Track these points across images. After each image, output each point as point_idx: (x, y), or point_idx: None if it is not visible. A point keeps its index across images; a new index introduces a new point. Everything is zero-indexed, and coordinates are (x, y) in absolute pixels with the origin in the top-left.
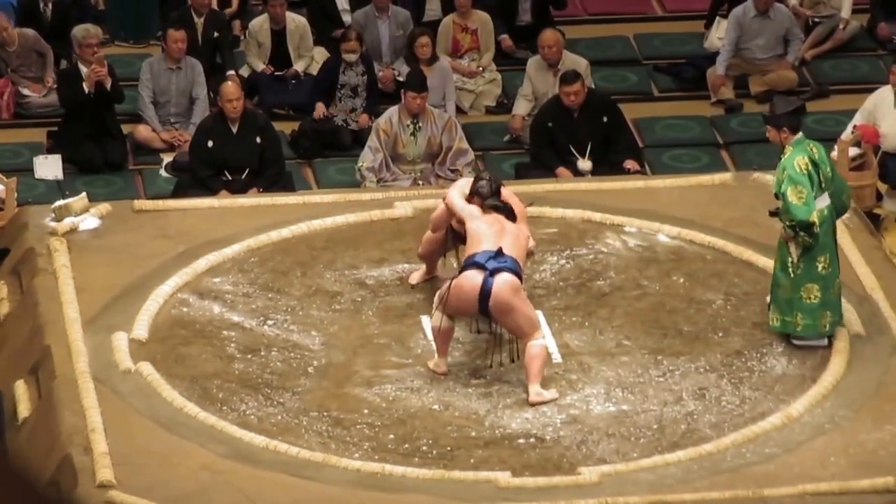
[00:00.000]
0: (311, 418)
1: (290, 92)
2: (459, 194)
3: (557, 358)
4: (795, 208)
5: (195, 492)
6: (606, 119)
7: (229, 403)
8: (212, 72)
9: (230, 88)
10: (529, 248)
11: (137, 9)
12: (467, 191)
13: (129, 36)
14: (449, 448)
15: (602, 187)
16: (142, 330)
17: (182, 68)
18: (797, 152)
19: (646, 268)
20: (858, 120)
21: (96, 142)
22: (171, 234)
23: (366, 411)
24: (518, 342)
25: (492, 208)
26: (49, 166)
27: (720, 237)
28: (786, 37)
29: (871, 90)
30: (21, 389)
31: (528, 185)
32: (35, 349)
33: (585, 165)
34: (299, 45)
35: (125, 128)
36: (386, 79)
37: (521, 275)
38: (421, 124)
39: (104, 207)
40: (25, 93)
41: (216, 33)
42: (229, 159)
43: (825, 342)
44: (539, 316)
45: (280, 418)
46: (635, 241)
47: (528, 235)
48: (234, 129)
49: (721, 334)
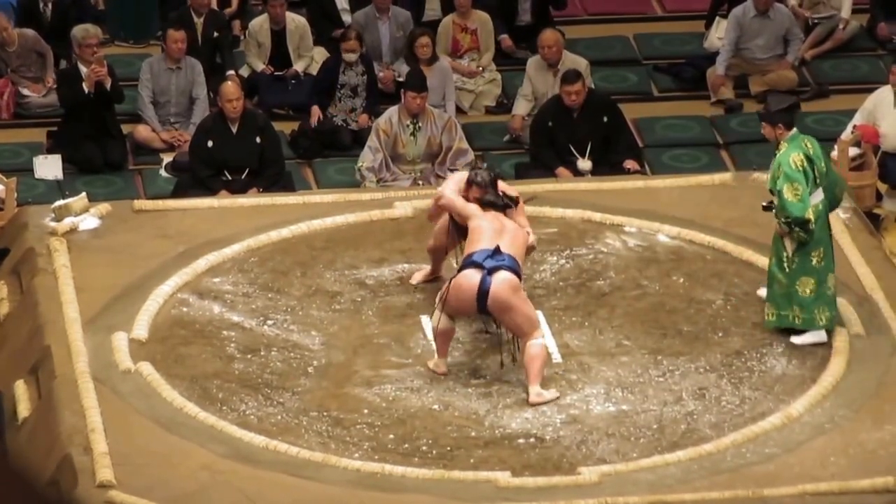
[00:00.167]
0: (311, 418)
1: (290, 92)
2: (455, 192)
3: (557, 358)
4: (792, 205)
5: (195, 492)
6: (606, 119)
7: (229, 403)
8: (211, 72)
9: (230, 88)
10: (530, 244)
11: (137, 9)
12: (461, 185)
13: (129, 36)
14: (449, 448)
15: (602, 187)
16: (142, 330)
17: (182, 68)
18: (792, 149)
19: (646, 268)
20: (858, 120)
21: (96, 142)
22: (171, 234)
23: (366, 411)
24: (518, 341)
25: (490, 205)
26: (49, 166)
27: (720, 237)
28: (786, 37)
29: (870, 90)
30: (21, 389)
31: (528, 185)
32: (35, 349)
33: (585, 165)
34: (299, 46)
35: (125, 128)
36: (386, 79)
37: (519, 273)
38: (421, 124)
39: (104, 207)
40: (25, 93)
41: (216, 33)
42: (229, 159)
43: (824, 337)
44: (539, 316)
45: (280, 418)
46: (635, 241)
47: (527, 231)
48: (234, 129)
49: (721, 334)
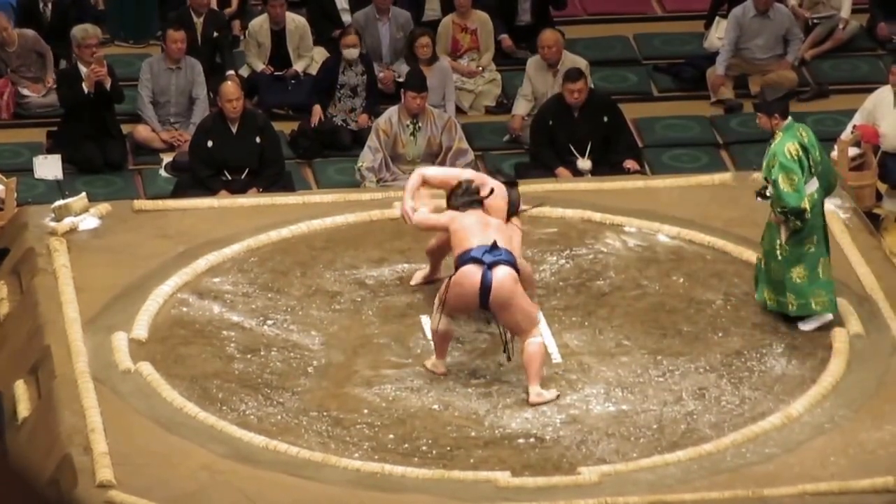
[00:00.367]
0: (311, 418)
1: (290, 92)
2: (420, 208)
3: (557, 358)
4: (787, 195)
5: (195, 492)
6: (607, 119)
7: (229, 403)
8: (211, 72)
9: (230, 88)
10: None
11: (137, 9)
12: (414, 193)
13: (129, 36)
14: (449, 448)
15: (602, 187)
16: (141, 330)
17: (182, 68)
18: (787, 138)
19: (645, 268)
20: (858, 120)
21: (96, 142)
22: (171, 234)
23: (365, 411)
24: (514, 340)
25: (468, 205)
26: (49, 166)
27: (720, 237)
28: (785, 37)
29: (870, 90)
30: (21, 389)
31: (528, 184)
32: (35, 349)
33: (585, 165)
34: (299, 46)
35: (125, 128)
36: (386, 80)
37: (517, 267)
38: (421, 124)
39: (104, 207)
40: (25, 93)
41: (216, 33)
42: (229, 159)
43: (829, 317)
44: (539, 316)
45: (280, 418)
46: (635, 240)
47: (516, 227)
48: (234, 129)
49: (721, 334)
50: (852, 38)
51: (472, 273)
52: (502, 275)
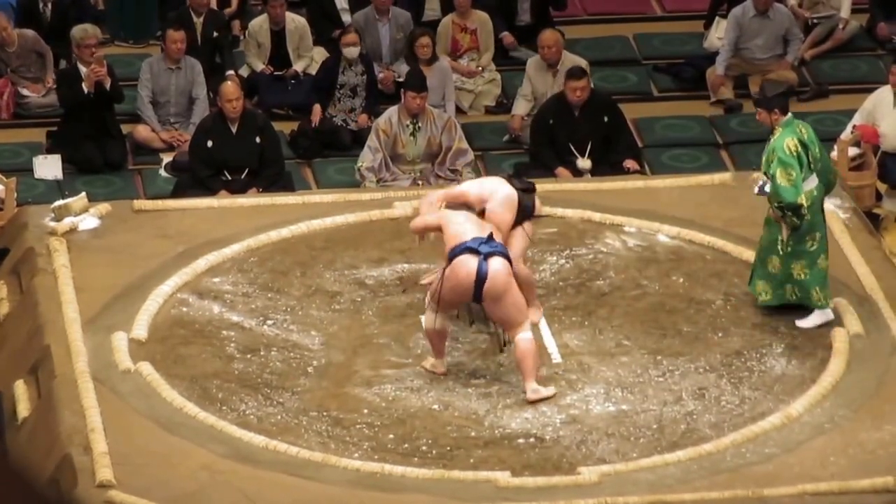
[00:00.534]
0: (311, 418)
1: (290, 92)
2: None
3: (557, 358)
4: (784, 190)
5: (195, 492)
6: (607, 119)
7: (229, 403)
8: (211, 72)
9: (230, 88)
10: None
11: (137, 9)
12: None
13: (129, 36)
14: (448, 448)
15: (602, 187)
16: (141, 330)
17: (181, 68)
18: (787, 133)
19: (645, 268)
20: (858, 120)
21: (96, 142)
22: (171, 234)
23: (365, 411)
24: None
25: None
26: (49, 166)
27: (720, 237)
28: (785, 37)
29: (870, 90)
30: (21, 389)
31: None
32: (35, 349)
33: (585, 164)
34: (299, 46)
35: (125, 128)
36: (386, 80)
37: (511, 261)
38: (420, 124)
39: (104, 207)
40: (25, 93)
41: (215, 33)
42: (229, 159)
43: (831, 315)
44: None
45: (280, 418)
46: (635, 240)
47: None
48: (234, 129)
49: (720, 334)
50: (852, 38)
51: (468, 262)
52: (498, 265)
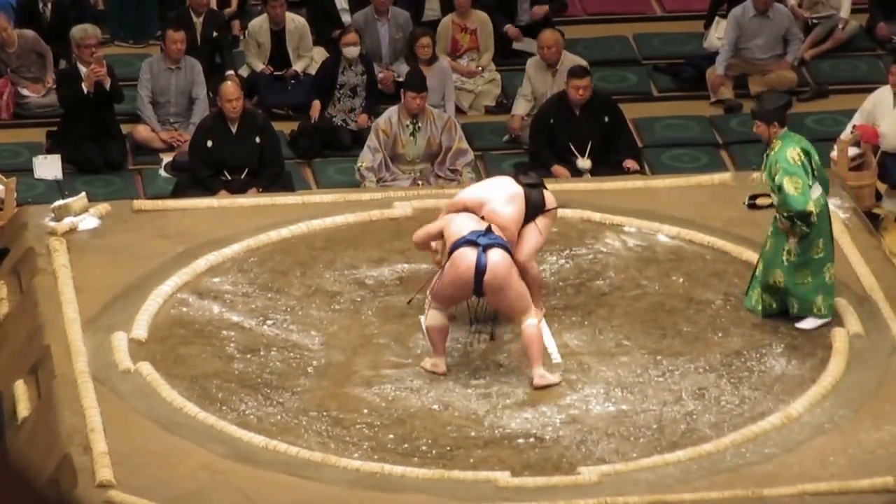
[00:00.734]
0: (311, 418)
1: (290, 92)
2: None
3: (557, 358)
4: (793, 199)
5: (195, 492)
6: (608, 119)
7: (229, 403)
8: (211, 72)
9: (229, 88)
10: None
11: (137, 9)
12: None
13: (129, 36)
14: (448, 448)
15: (602, 187)
16: (141, 330)
17: (181, 68)
18: (787, 144)
19: (645, 268)
20: (858, 120)
21: (96, 142)
22: (171, 234)
23: (365, 411)
24: (495, 323)
25: None
26: (48, 166)
27: (720, 237)
28: (785, 37)
29: (870, 90)
30: (21, 389)
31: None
32: (35, 349)
33: (585, 164)
34: (298, 46)
35: (125, 128)
36: (386, 80)
37: (511, 253)
38: (420, 124)
39: (104, 207)
40: (25, 93)
41: (215, 33)
42: (229, 159)
43: (827, 320)
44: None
45: (279, 418)
46: (635, 240)
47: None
48: (234, 129)
49: (720, 334)
50: (852, 38)
51: (467, 255)
52: (497, 257)
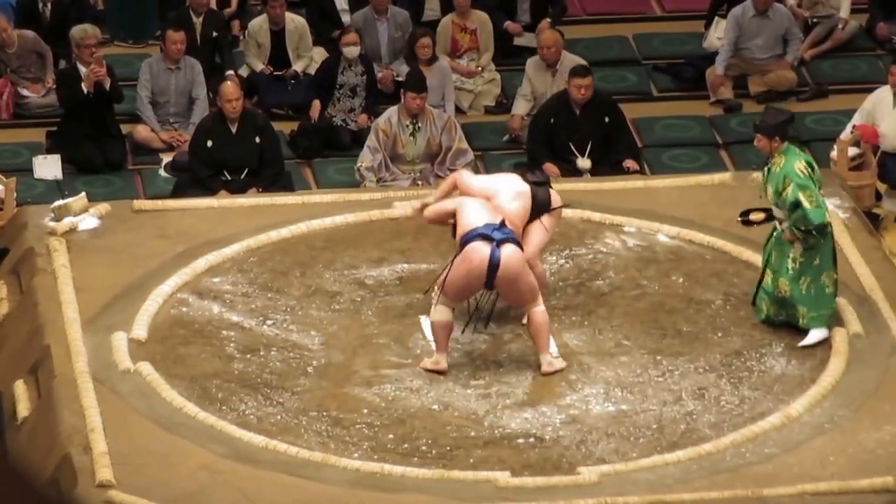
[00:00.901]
0: (311, 418)
1: (290, 92)
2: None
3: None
4: (812, 213)
5: (195, 492)
6: (608, 119)
7: (229, 403)
8: (211, 72)
9: (229, 88)
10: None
11: (137, 9)
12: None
13: (129, 36)
14: (448, 448)
15: (601, 187)
16: (141, 330)
17: (181, 68)
18: (793, 158)
19: (645, 268)
20: (857, 120)
21: (96, 142)
22: (171, 234)
23: (365, 411)
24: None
25: None
26: (48, 166)
27: (719, 237)
28: (785, 37)
29: (870, 90)
30: (21, 389)
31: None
32: (34, 349)
33: (585, 164)
34: (298, 46)
35: (124, 128)
36: (385, 79)
37: (522, 247)
38: (420, 124)
39: (103, 207)
40: (25, 93)
41: (215, 33)
42: (229, 159)
43: (826, 333)
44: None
45: (279, 418)
46: (634, 240)
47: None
48: (234, 129)
49: (720, 334)
50: (851, 38)
51: (481, 249)
52: (510, 252)
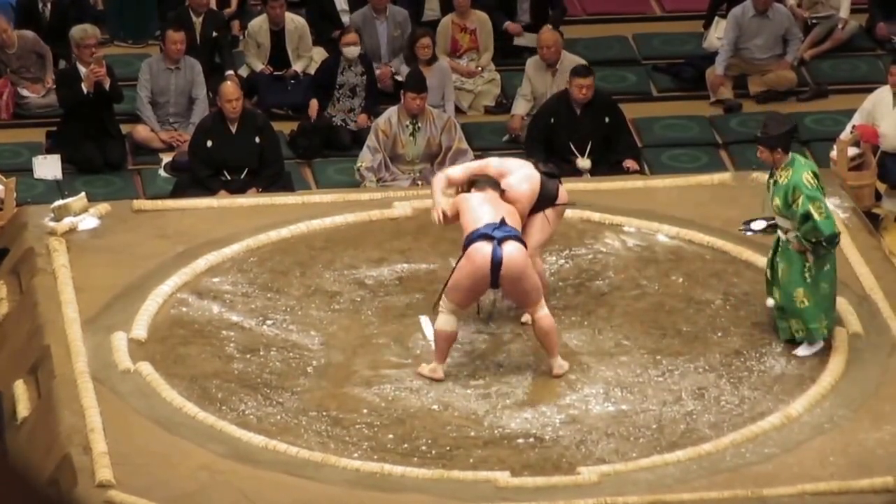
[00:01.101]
0: (311, 418)
1: (289, 92)
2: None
3: None
4: (823, 224)
5: (195, 492)
6: (608, 119)
7: (228, 403)
8: (211, 72)
9: (229, 88)
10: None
11: (136, 9)
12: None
13: (128, 36)
14: (448, 448)
15: (601, 187)
16: (141, 330)
17: (181, 68)
18: (800, 168)
19: (645, 268)
20: (857, 120)
21: (95, 142)
22: (171, 234)
23: (365, 411)
24: (496, 308)
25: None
26: (48, 166)
27: (719, 237)
28: (785, 37)
29: (869, 90)
30: (21, 389)
31: None
32: (34, 349)
33: (585, 164)
34: (298, 46)
35: (124, 128)
36: (384, 76)
37: (525, 244)
38: (420, 125)
39: (103, 207)
40: (24, 93)
41: (215, 33)
42: (228, 159)
43: (821, 344)
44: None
45: (279, 418)
46: (634, 240)
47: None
48: (234, 129)
49: (720, 334)
50: (851, 38)
51: (482, 249)
52: (512, 249)
